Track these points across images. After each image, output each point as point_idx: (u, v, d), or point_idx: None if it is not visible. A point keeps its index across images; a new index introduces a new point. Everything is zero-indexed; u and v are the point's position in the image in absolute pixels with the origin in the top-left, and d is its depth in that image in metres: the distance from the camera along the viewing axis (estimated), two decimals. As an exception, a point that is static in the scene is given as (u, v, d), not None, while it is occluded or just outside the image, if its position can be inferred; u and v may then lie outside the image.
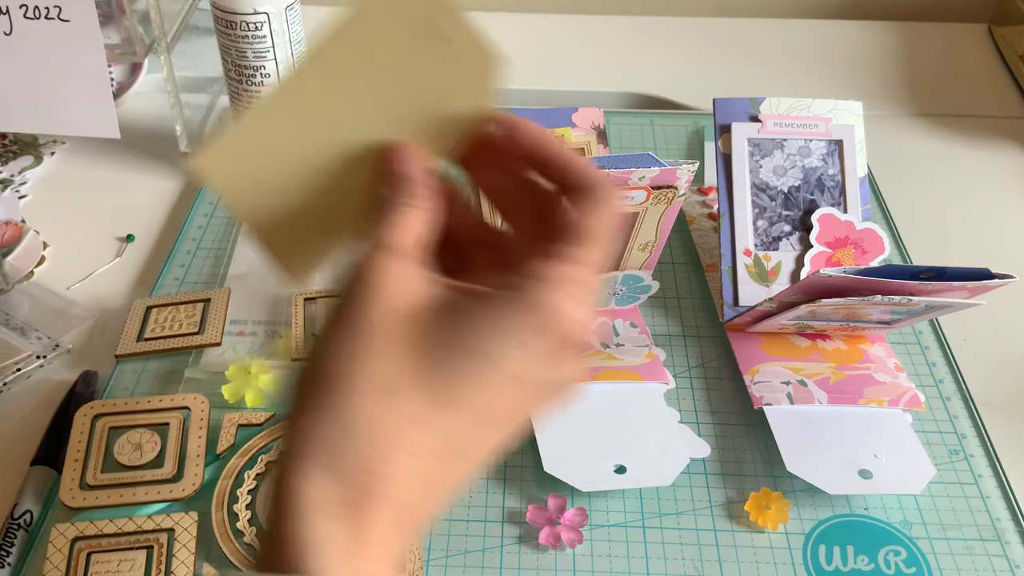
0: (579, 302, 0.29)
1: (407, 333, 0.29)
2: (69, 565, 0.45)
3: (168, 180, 0.72)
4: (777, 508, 0.48)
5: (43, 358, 0.56)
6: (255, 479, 0.49)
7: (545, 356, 0.29)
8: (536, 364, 0.29)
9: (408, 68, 0.33)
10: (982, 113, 0.81)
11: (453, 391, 0.28)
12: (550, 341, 0.29)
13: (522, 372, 0.29)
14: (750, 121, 0.59)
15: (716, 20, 0.94)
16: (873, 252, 0.58)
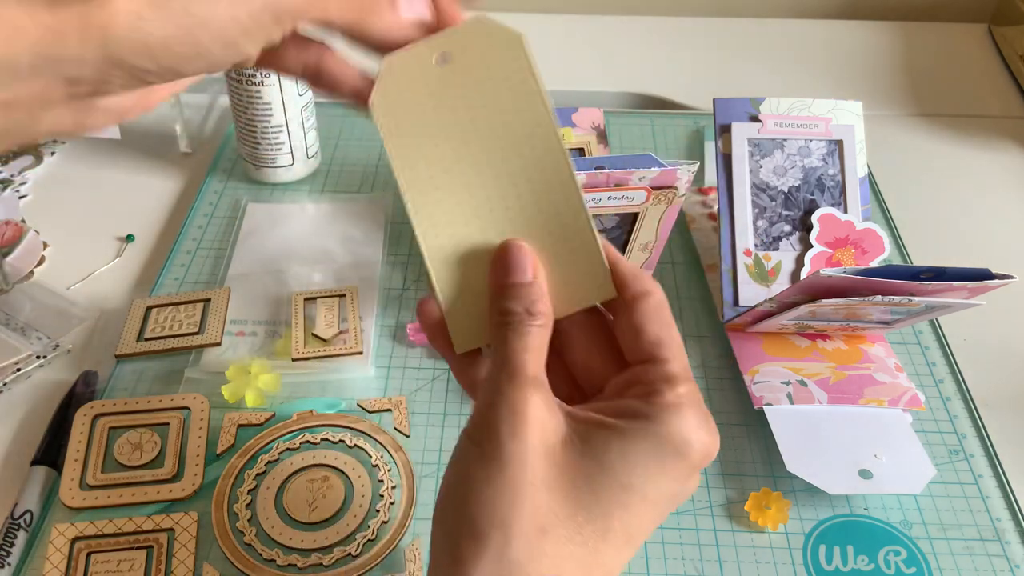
0: (705, 423, 0.32)
1: (550, 470, 0.30)
2: (69, 565, 0.45)
3: (168, 180, 0.72)
4: (777, 508, 0.48)
5: (43, 358, 0.56)
6: (255, 479, 0.49)
7: (682, 479, 0.31)
8: (674, 487, 0.31)
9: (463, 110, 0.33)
10: (982, 113, 0.81)
11: (606, 526, 0.30)
12: (687, 466, 0.31)
13: (663, 496, 0.31)
14: (750, 121, 0.59)
15: (716, 20, 0.94)
16: (873, 252, 0.58)
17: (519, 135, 0.33)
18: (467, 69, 0.33)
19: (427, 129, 0.34)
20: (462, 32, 0.33)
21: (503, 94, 0.33)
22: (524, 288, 0.33)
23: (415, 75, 0.33)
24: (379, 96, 0.34)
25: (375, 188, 0.70)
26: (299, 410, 0.52)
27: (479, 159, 0.34)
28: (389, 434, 0.51)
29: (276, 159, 0.68)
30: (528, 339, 0.32)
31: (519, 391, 0.31)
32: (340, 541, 0.46)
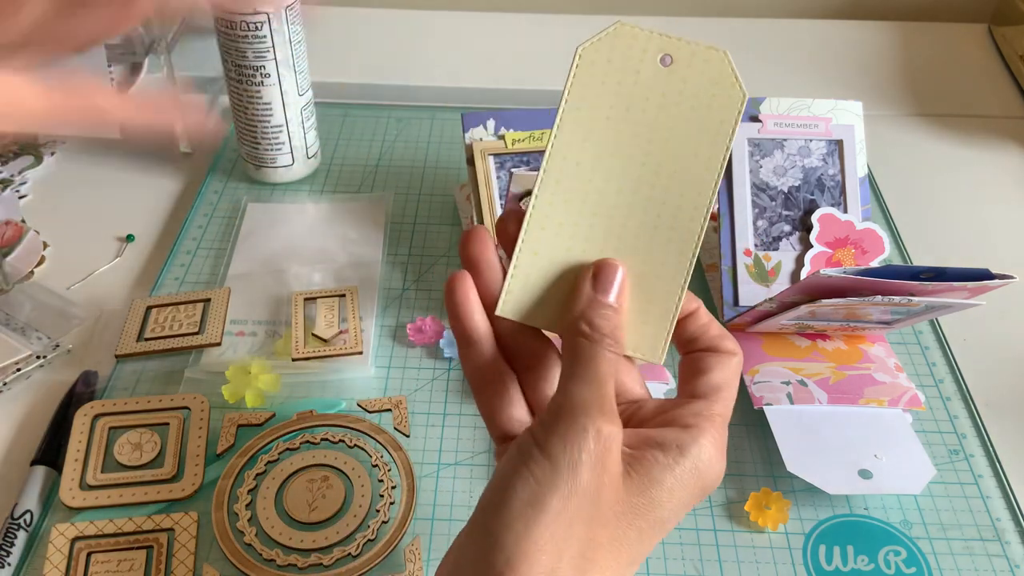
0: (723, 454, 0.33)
1: (607, 503, 0.31)
2: (69, 565, 0.45)
3: (168, 180, 0.72)
4: (777, 508, 0.48)
5: (43, 358, 0.56)
6: (255, 479, 0.49)
7: (694, 504, 0.33)
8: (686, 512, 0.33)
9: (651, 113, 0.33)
10: (982, 113, 0.81)
11: (637, 555, 0.32)
12: (702, 495, 0.33)
13: (677, 521, 0.33)
14: (750, 121, 0.59)
15: (716, 20, 0.94)
16: (873, 252, 0.58)
17: (679, 175, 0.33)
18: (679, 85, 0.32)
19: (608, 107, 0.33)
20: (698, 52, 0.32)
21: (693, 131, 0.32)
22: (614, 312, 0.33)
23: (633, 55, 0.32)
24: (591, 50, 0.33)
25: (375, 188, 0.70)
26: (299, 410, 0.52)
27: (631, 168, 0.33)
28: (389, 434, 0.51)
29: (276, 159, 0.68)
30: (612, 365, 0.32)
31: (608, 425, 0.31)
32: (340, 541, 0.46)
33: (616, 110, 0.33)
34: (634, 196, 0.33)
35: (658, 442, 0.32)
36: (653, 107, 0.32)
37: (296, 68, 0.64)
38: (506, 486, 0.31)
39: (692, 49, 0.32)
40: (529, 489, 0.30)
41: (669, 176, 0.33)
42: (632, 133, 0.33)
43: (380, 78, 0.85)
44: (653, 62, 0.32)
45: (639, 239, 0.33)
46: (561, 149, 0.33)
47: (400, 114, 0.79)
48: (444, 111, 0.79)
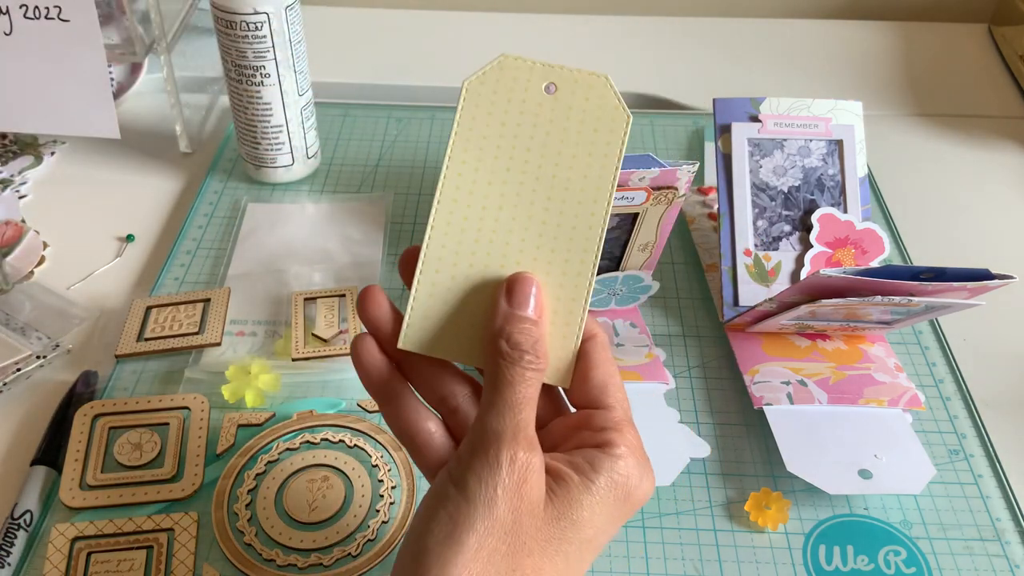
0: (648, 471, 0.33)
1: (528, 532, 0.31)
2: (69, 565, 0.45)
3: (168, 180, 0.72)
4: (777, 508, 0.48)
5: (43, 358, 0.56)
6: (255, 479, 0.49)
7: (623, 520, 0.33)
8: (616, 528, 0.33)
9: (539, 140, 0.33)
10: (982, 113, 0.81)
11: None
12: (631, 511, 0.33)
13: (607, 540, 0.33)
14: (750, 121, 0.59)
15: (716, 20, 0.94)
16: (873, 252, 0.58)
17: (571, 198, 0.33)
18: (565, 111, 0.33)
19: (497, 137, 0.34)
20: (580, 79, 0.33)
21: (582, 156, 0.33)
22: (532, 325, 0.33)
23: (518, 85, 0.33)
24: (477, 83, 0.34)
25: (375, 188, 0.70)
26: (299, 410, 0.52)
27: (525, 194, 0.34)
28: (389, 434, 0.51)
29: (276, 159, 0.68)
30: (531, 387, 0.32)
31: (523, 453, 0.31)
32: (340, 541, 0.46)
33: (505, 139, 0.34)
34: (529, 221, 0.34)
35: (572, 463, 0.32)
36: (541, 134, 0.33)
37: (296, 68, 0.64)
38: (423, 525, 0.31)
39: (574, 76, 0.33)
40: (445, 529, 0.30)
41: (562, 200, 0.33)
42: (522, 160, 0.33)
43: (380, 78, 0.85)
44: (538, 91, 0.33)
45: (537, 263, 0.34)
46: (453, 180, 0.34)
47: (400, 114, 0.79)
48: (444, 111, 0.79)
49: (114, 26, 0.67)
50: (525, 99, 0.33)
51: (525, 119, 0.33)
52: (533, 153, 0.33)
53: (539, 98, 0.33)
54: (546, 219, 0.34)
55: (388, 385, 0.35)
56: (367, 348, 0.35)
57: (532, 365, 0.32)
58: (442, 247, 0.34)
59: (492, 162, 0.34)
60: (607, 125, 0.33)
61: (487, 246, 0.34)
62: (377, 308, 0.34)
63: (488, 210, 0.34)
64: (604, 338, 0.35)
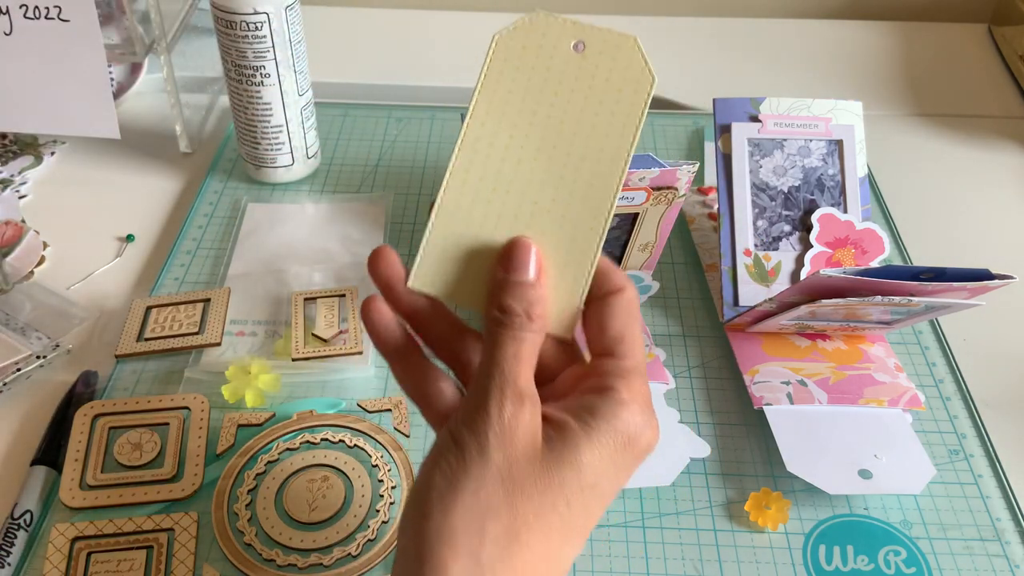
0: (652, 419, 0.33)
1: (526, 477, 0.31)
2: (69, 565, 0.45)
3: (168, 180, 0.72)
4: (777, 508, 0.48)
5: (43, 358, 0.56)
6: (255, 479, 0.49)
7: (628, 471, 0.33)
8: (622, 479, 0.33)
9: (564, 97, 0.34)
10: (982, 113, 0.81)
11: (571, 525, 0.32)
12: (635, 459, 0.33)
13: (613, 490, 0.33)
14: (750, 121, 0.59)
15: (716, 20, 0.94)
16: (873, 252, 0.58)
17: (590, 154, 0.34)
18: (591, 70, 0.34)
19: (523, 91, 0.34)
20: (609, 39, 0.34)
21: (603, 113, 0.34)
22: (527, 288, 0.33)
23: (547, 42, 0.34)
24: (508, 38, 0.34)
25: (375, 188, 0.70)
26: (299, 410, 0.52)
27: (545, 148, 0.34)
28: (389, 434, 0.51)
29: (276, 159, 0.68)
30: (523, 345, 0.33)
31: (511, 403, 0.31)
32: (340, 541, 0.46)
33: (530, 94, 0.34)
34: (546, 176, 0.34)
35: (571, 409, 0.33)
36: (566, 91, 0.34)
37: (296, 68, 0.64)
38: (425, 479, 0.32)
39: (604, 36, 0.34)
40: (444, 479, 0.31)
41: (580, 157, 0.34)
42: (545, 115, 0.34)
43: (380, 78, 0.85)
44: (566, 48, 0.34)
45: (551, 217, 0.34)
46: (476, 130, 0.34)
47: (400, 114, 0.79)
48: (444, 111, 0.79)
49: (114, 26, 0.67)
50: (553, 55, 0.34)
51: (551, 75, 0.34)
52: (556, 108, 0.34)
53: (567, 55, 0.34)
54: (564, 174, 0.34)
55: (399, 344, 0.35)
56: (378, 307, 0.35)
57: (525, 327, 0.33)
58: (460, 193, 0.34)
59: (515, 115, 0.34)
60: (631, 86, 0.34)
61: (503, 195, 0.34)
62: (388, 266, 0.35)
63: (507, 161, 0.34)
64: (632, 295, 0.35)
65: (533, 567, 0.31)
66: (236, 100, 0.65)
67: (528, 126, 0.34)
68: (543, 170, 0.34)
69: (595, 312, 0.35)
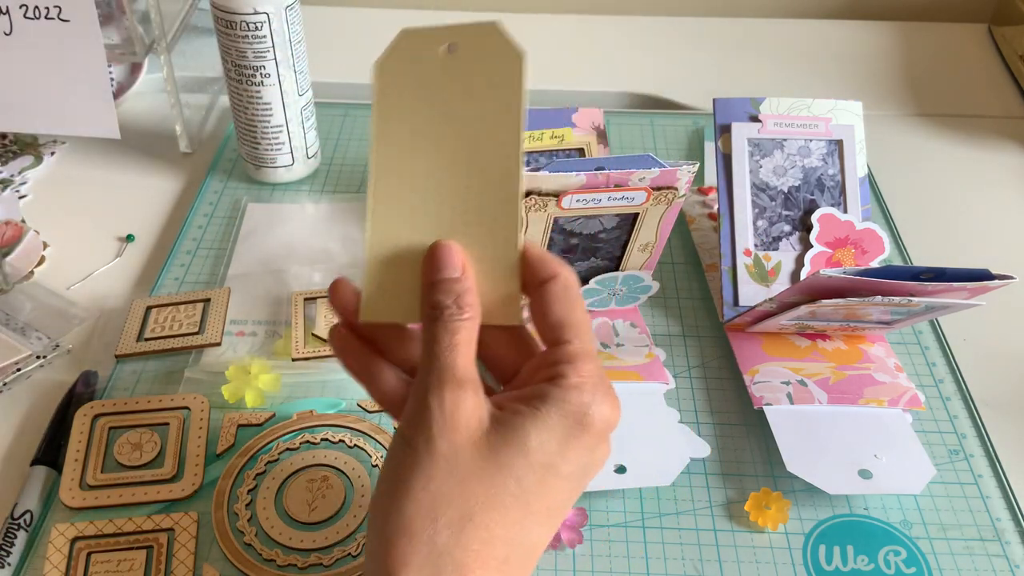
0: (606, 396, 0.34)
1: (477, 462, 0.32)
2: (69, 565, 0.45)
3: (168, 180, 0.72)
4: (777, 508, 0.48)
5: (43, 358, 0.56)
6: (255, 479, 0.49)
7: (589, 449, 0.34)
8: (583, 458, 0.34)
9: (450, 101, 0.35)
10: (982, 113, 0.81)
11: (527, 504, 0.32)
12: (592, 437, 0.33)
13: (575, 469, 0.33)
14: (750, 121, 0.59)
15: (716, 20, 0.94)
16: (873, 252, 0.58)
17: (486, 146, 0.35)
18: (467, 65, 0.34)
19: (412, 109, 0.35)
20: (475, 31, 0.34)
21: (488, 102, 0.34)
22: (453, 283, 0.34)
23: (422, 54, 0.35)
24: (388, 61, 0.35)
25: (375, 188, 0.70)
26: (299, 410, 0.52)
27: (445, 154, 0.35)
28: (389, 434, 0.51)
29: (276, 159, 0.68)
30: (457, 335, 0.33)
31: (450, 392, 0.32)
32: (340, 541, 0.46)
33: (420, 107, 0.35)
34: (453, 178, 0.35)
35: (523, 397, 0.33)
36: (452, 93, 0.35)
37: (296, 68, 0.64)
38: (381, 480, 0.33)
39: (469, 31, 0.34)
40: (396, 475, 0.32)
41: (478, 150, 0.35)
42: (438, 123, 0.35)
43: (380, 78, 0.84)
44: (442, 54, 0.35)
45: (468, 216, 0.35)
46: (383, 157, 0.35)
47: (400, 114, 0.78)
48: (444, 111, 0.79)
49: (114, 26, 0.67)
50: (431, 64, 0.35)
51: (433, 83, 0.35)
52: (448, 113, 0.35)
53: (443, 61, 0.35)
54: (469, 172, 0.35)
55: (366, 364, 0.37)
56: (340, 334, 0.37)
57: (456, 316, 0.34)
58: (382, 221, 0.36)
59: (412, 133, 0.35)
60: (506, 68, 0.34)
61: (424, 211, 0.35)
62: (344, 296, 0.36)
63: (417, 178, 0.35)
64: (568, 279, 0.35)
65: (492, 547, 0.32)
66: (236, 100, 0.65)
67: (425, 139, 0.35)
68: (452, 175, 0.35)
69: (535, 302, 0.36)
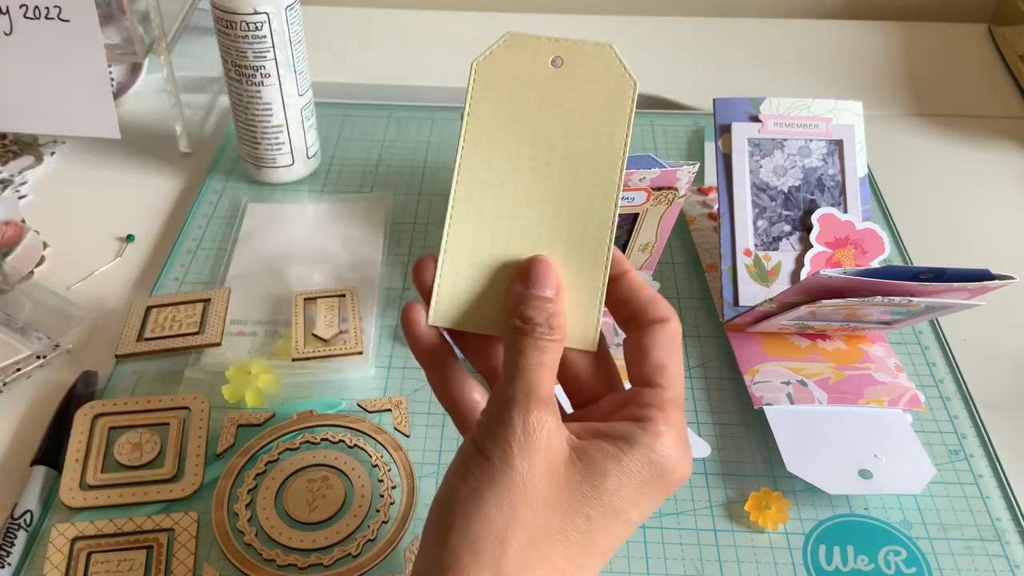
0: (687, 452, 0.33)
1: (552, 490, 0.31)
2: (69, 565, 0.45)
3: (168, 180, 0.72)
4: (777, 508, 0.48)
5: (43, 358, 0.56)
6: (255, 479, 0.49)
7: (658, 500, 0.33)
8: (651, 508, 0.33)
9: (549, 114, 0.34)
10: (982, 113, 0.81)
11: (591, 543, 0.32)
12: (664, 490, 0.33)
13: (640, 517, 0.33)
14: (750, 121, 0.59)
15: (716, 20, 0.94)
16: (873, 252, 0.58)
17: (584, 167, 0.34)
18: (572, 83, 0.34)
19: (509, 114, 0.34)
20: (586, 50, 0.34)
21: (591, 124, 0.34)
22: (546, 301, 0.34)
23: (525, 61, 0.34)
24: (486, 63, 0.34)
25: (375, 188, 0.70)
26: (299, 410, 0.52)
27: (540, 168, 0.34)
28: (389, 434, 0.51)
29: (276, 159, 0.68)
30: (545, 355, 0.33)
31: (535, 411, 0.31)
32: (340, 541, 0.46)
33: (517, 115, 0.34)
34: (546, 194, 0.34)
35: (606, 433, 0.33)
36: (551, 107, 0.34)
37: (296, 68, 0.64)
38: (449, 488, 0.32)
39: (580, 48, 0.34)
40: (468, 488, 0.31)
41: (576, 170, 0.34)
42: (534, 135, 0.34)
43: (380, 78, 0.85)
44: (545, 65, 0.34)
45: (557, 234, 0.35)
46: (470, 161, 0.35)
47: (400, 114, 0.79)
48: (444, 111, 0.79)
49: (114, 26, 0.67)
50: (533, 74, 0.34)
51: (534, 94, 0.34)
52: (544, 127, 0.34)
53: (547, 72, 0.34)
54: (561, 190, 0.34)
55: (435, 353, 0.36)
56: (417, 316, 0.36)
57: (545, 336, 0.33)
58: (464, 225, 0.35)
59: (505, 140, 0.34)
60: (615, 93, 0.34)
61: (507, 221, 0.35)
62: (430, 276, 0.36)
63: (505, 187, 0.34)
64: (675, 327, 0.35)
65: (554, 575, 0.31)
66: (236, 100, 0.65)
67: (519, 148, 0.34)
68: (542, 191, 0.34)
69: (637, 340, 0.35)
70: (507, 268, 0.35)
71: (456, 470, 0.32)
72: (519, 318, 0.33)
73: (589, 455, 0.32)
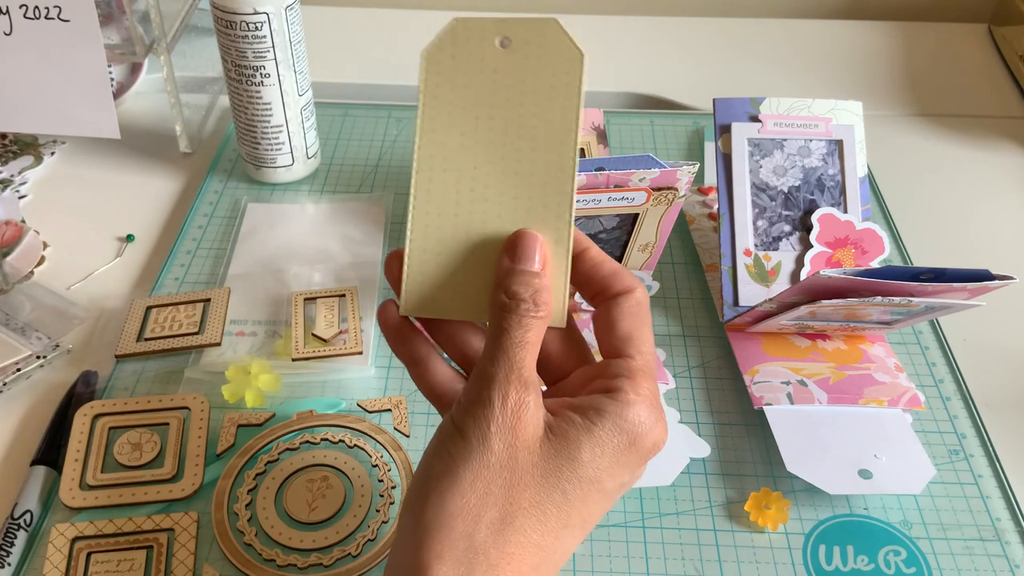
0: (659, 419, 0.33)
1: (527, 466, 0.32)
2: (69, 565, 0.45)
3: (168, 180, 0.72)
4: (777, 508, 0.48)
5: (43, 358, 0.56)
6: (255, 479, 0.49)
7: (632, 468, 0.34)
8: (626, 476, 0.34)
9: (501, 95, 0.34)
10: (982, 113, 0.81)
11: (567, 515, 0.32)
12: (640, 458, 0.33)
13: (616, 486, 0.33)
14: (750, 121, 0.59)
15: (716, 20, 0.94)
16: (873, 252, 0.58)
17: (541, 144, 0.34)
18: (522, 62, 0.34)
19: (462, 99, 0.35)
20: (532, 27, 0.34)
21: (543, 101, 0.34)
22: (533, 276, 0.34)
23: (473, 45, 0.34)
24: (435, 51, 0.35)
25: (375, 188, 0.70)
26: (299, 410, 0.52)
27: (495, 148, 0.35)
28: (389, 434, 0.51)
29: (276, 159, 0.68)
30: (529, 332, 0.33)
31: (515, 391, 0.32)
32: (340, 541, 0.46)
33: (469, 99, 0.35)
34: (503, 175, 0.35)
35: (577, 406, 0.33)
36: (503, 88, 0.34)
37: (296, 68, 0.64)
38: (426, 466, 0.33)
39: (526, 26, 0.34)
40: (444, 464, 0.32)
41: (532, 149, 0.34)
42: (489, 117, 0.34)
43: (380, 78, 0.85)
44: (494, 47, 0.34)
45: (517, 214, 0.35)
46: (427, 149, 0.35)
47: (400, 114, 0.79)
48: (444, 111, 0.79)
49: (114, 26, 0.67)
50: (483, 57, 0.34)
51: (485, 76, 0.34)
52: (498, 109, 0.34)
53: (496, 54, 0.34)
54: (519, 169, 0.34)
55: (413, 347, 0.36)
56: (390, 312, 0.36)
57: (530, 312, 0.33)
58: (426, 214, 0.35)
59: (460, 124, 0.35)
60: (563, 67, 0.34)
61: (468, 205, 0.35)
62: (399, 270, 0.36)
63: (464, 171, 0.35)
64: (641, 296, 0.35)
65: (526, 552, 0.31)
66: (236, 100, 0.65)
67: (474, 131, 0.35)
68: (499, 171, 0.35)
69: (604, 312, 0.35)
70: (472, 254, 0.35)
71: (434, 447, 0.33)
72: (505, 293, 0.33)
73: (562, 429, 0.32)
